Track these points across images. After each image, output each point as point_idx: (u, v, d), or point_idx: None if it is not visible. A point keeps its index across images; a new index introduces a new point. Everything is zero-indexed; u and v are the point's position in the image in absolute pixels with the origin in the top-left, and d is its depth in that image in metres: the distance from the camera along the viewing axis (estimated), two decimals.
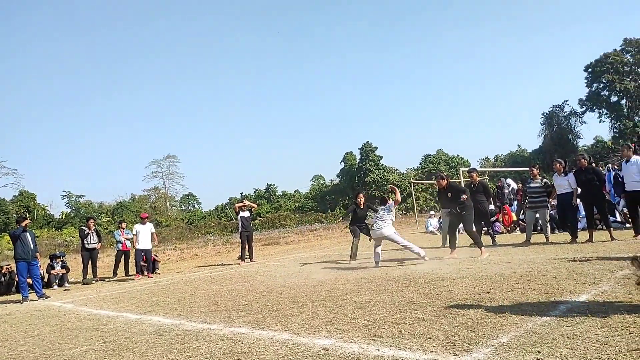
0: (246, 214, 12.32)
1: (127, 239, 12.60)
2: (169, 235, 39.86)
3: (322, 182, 77.58)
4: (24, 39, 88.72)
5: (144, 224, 11.72)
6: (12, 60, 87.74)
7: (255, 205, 13.61)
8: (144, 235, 11.47)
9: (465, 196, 7.94)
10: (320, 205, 62.61)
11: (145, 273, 11.67)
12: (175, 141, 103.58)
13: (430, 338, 3.24)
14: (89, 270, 11.54)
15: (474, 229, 8.49)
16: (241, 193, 76.12)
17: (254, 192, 74.95)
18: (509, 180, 14.35)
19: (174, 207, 77.11)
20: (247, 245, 12.18)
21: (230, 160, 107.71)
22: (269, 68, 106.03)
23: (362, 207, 9.39)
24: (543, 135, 53.84)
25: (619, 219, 10.67)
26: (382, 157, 64.13)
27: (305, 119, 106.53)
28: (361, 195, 9.54)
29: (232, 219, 48.90)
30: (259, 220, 53.05)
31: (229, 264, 12.60)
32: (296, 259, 11.95)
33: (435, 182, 10.58)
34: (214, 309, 5.48)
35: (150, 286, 9.01)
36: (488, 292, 4.64)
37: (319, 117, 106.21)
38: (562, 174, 8.91)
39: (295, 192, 74.63)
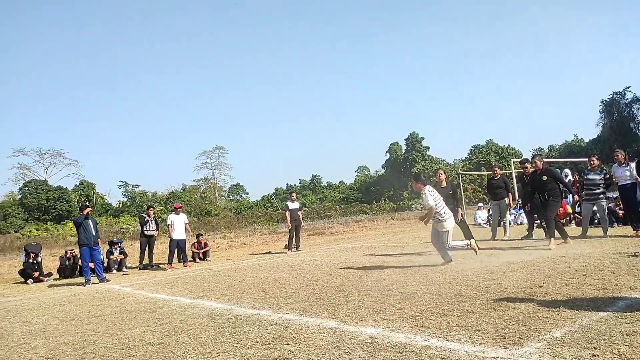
0: (296, 205, 12.52)
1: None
2: (217, 225, 41.08)
3: (366, 173, 77.24)
4: (93, 41, 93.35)
5: (178, 214, 11.81)
6: (78, 59, 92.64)
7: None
8: (178, 225, 11.53)
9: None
10: (365, 197, 62.40)
11: (184, 262, 11.70)
12: (224, 133, 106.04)
13: (479, 330, 3.20)
14: (146, 256, 12.11)
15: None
16: (287, 184, 77.18)
17: (300, 183, 75.74)
18: (567, 171, 13.68)
19: (222, 197, 79.22)
20: (294, 235, 12.36)
21: (277, 152, 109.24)
22: (316, 58, 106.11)
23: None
24: (602, 124, 50.98)
25: None
26: (428, 148, 63.00)
27: (351, 110, 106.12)
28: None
29: (279, 209, 49.64)
30: (304, 210, 53.66)
31: (276, 253, 12.85)
32: (342, 249, 12.03)
33: (524, 166, 10.23)
34: (262, 295, 5.64)
35: (201, 273, 9.36)
36: (540, 287, 4.50)
37: (364, 107, 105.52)
38: (624, 164, 8.42)
39: (340, 183, 74.75)
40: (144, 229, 12.04)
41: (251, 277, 7.61)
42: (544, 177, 7.72)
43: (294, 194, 13.31)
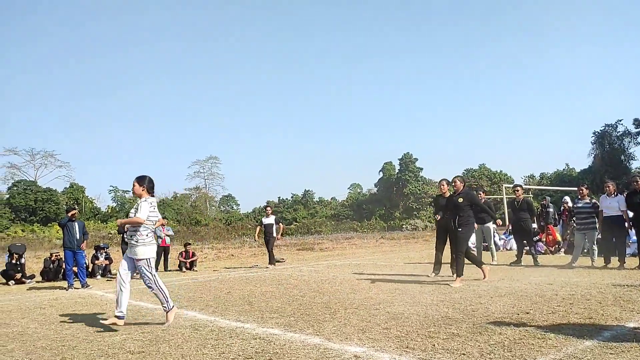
0: (270, 219, 12.42)
1: (167, 235, 13.00)
2: (207, 235, 40.79)
3: (359, 190, 77.37)
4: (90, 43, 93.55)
5: None
6: (74, 61, 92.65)
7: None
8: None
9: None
10: (357, 214, 62.41)
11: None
12: (218, 143, 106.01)
13: (464, 354, 3.17)
14: None
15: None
16: (279, 197, 77.00)
17: (291, 197, 75.60)
18: (566, 198, 13.69)
19: (213, 207, 78.84)
20: (268, 249, 12.38)
21: (270, 165, 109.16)
22: (312, 72, 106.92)
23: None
24: (593, 155, 51.63)
25: None
26: (422, 169, 63.29)
27: (345, 127, 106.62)
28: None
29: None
30: (295, 225, 53.49)
31: (264, 267, 12.75)
32: (330, 265, 11.96)
33: (515, 189, 10.24)
34: (248, 308, 5.57)
35: (187, 282, 9.25)
36: (527, 313, 4.49)
37: (359, 126, 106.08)
38: (613, 195, 8.51)
39: (331, 199, 74.80)
40: (125, 236, 11.95)
41: (237, 290, 7.53)
42: (460, 200, 7.04)
43: (269, 208, 13.01)
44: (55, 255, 11.75)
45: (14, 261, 10.99)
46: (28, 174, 63.52)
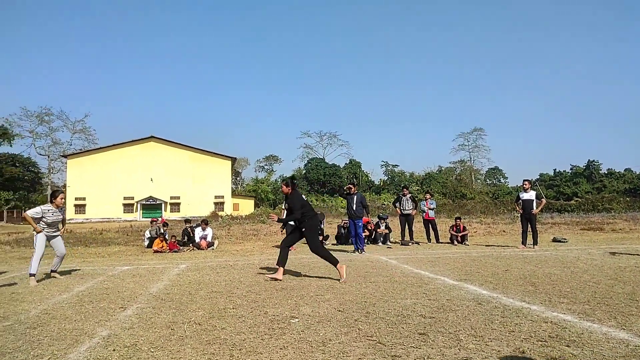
0: (530, 194, 11.08)
1: (430, 209, 13.45)
2: (473, 209, 40.07)
3: None
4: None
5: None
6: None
7: None
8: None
9: None
10: None
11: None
12: (483, 113, 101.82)
13: None
14: (406, 233, 12.94)
15: None
16: (554, 169, 69.08)
17: (571, 169, 66.77)
18: None
19: (478, 181, 76.84)
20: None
21: (541, 134, 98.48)
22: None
23: None
24: None
25: None
26: None
27: None
28: None
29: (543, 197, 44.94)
30: (575, 201, 47.00)
31: (530, 247, 11.80)
32: (629, 249, 10.14)
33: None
34: (531, 289, 5.34)
35: (461, 256, 9.43)
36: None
37: None
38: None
39: (625, 171, 62.45)
40: (400, 207, 12.95)
41: (516, 268, 7.25)
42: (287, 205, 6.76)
43: (527, 183, 11.40)
44: (345, 223, 13.75)
45: (322, 226, 13.41)
46: (318, 153, 75.49)
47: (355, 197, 10.71)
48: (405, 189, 13.45)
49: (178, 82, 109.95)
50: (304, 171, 66.29)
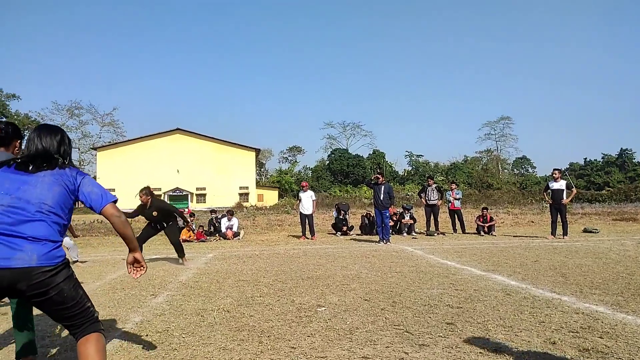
0: (560, 184, 10.78)
1: (455, 199, 13.27)
2: (500, 199, 39.35)
3: None
4: None
5: (305, 191, 12.21)
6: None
7: None
8: (305, 201, 12.02)
9: None
10: None
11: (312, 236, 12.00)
12: (510, 102, 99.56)
13: None
14: (432, 224, 12.83)
15: None
16: (585, 158, 67.20)
17: (602, 158, 64.77)
18: None
19: (505, 170, 75.34)
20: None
21: (571, 122, 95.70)
22: None
23: None
24: None
25: None
26: None
27: None
28: None
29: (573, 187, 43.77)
30: (607, 190, 45.63)
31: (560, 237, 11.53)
32: None
33: None
34: (562, 280, 5.23)
35: (488, 246, 9.30)
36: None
37: None
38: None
39: None
40: (425, 197, 12.85)
41: (545, 259, 7.11)
42: (154, 213, 7.35)
43: (557, 172, 10.87)
44: (369, 214, 13.72)
45: (340, 216, 13.41)
46: (341, 143, 75.27)
47: (382, 187, 10.67)
48: (430, 179, 13.32)
49: (202, 75, 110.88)
50: (328, 162, 66.27)
